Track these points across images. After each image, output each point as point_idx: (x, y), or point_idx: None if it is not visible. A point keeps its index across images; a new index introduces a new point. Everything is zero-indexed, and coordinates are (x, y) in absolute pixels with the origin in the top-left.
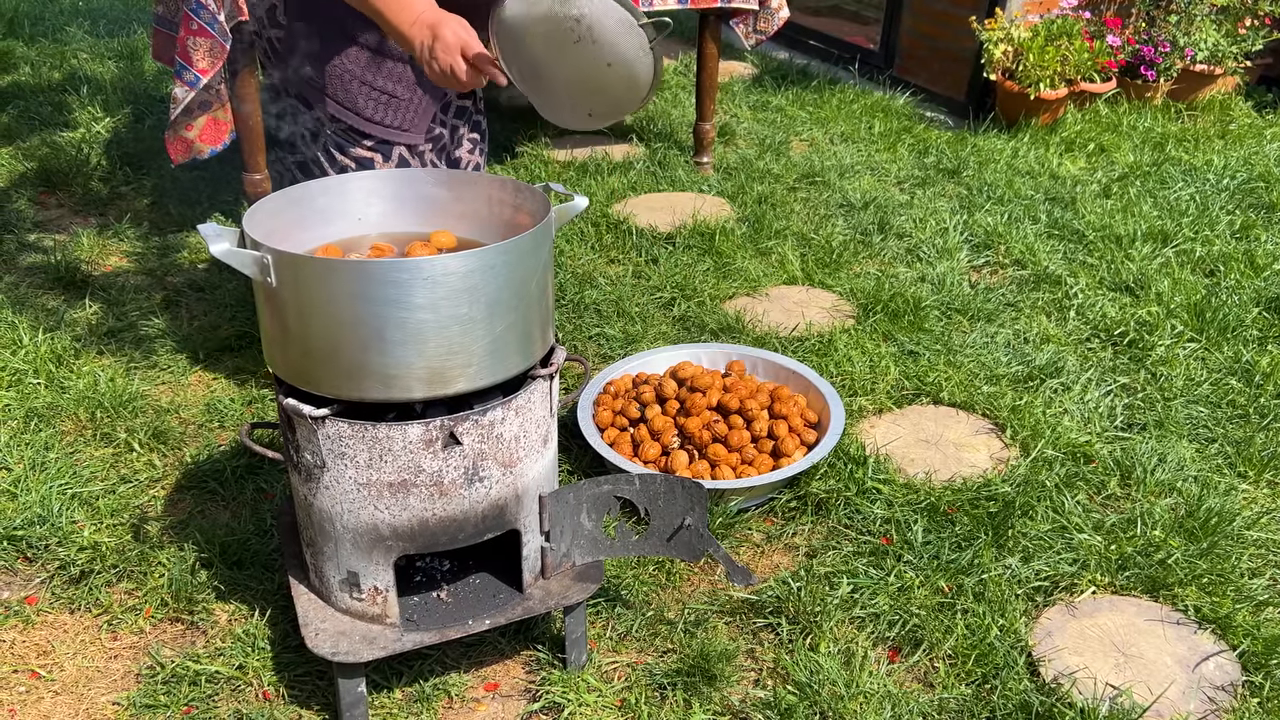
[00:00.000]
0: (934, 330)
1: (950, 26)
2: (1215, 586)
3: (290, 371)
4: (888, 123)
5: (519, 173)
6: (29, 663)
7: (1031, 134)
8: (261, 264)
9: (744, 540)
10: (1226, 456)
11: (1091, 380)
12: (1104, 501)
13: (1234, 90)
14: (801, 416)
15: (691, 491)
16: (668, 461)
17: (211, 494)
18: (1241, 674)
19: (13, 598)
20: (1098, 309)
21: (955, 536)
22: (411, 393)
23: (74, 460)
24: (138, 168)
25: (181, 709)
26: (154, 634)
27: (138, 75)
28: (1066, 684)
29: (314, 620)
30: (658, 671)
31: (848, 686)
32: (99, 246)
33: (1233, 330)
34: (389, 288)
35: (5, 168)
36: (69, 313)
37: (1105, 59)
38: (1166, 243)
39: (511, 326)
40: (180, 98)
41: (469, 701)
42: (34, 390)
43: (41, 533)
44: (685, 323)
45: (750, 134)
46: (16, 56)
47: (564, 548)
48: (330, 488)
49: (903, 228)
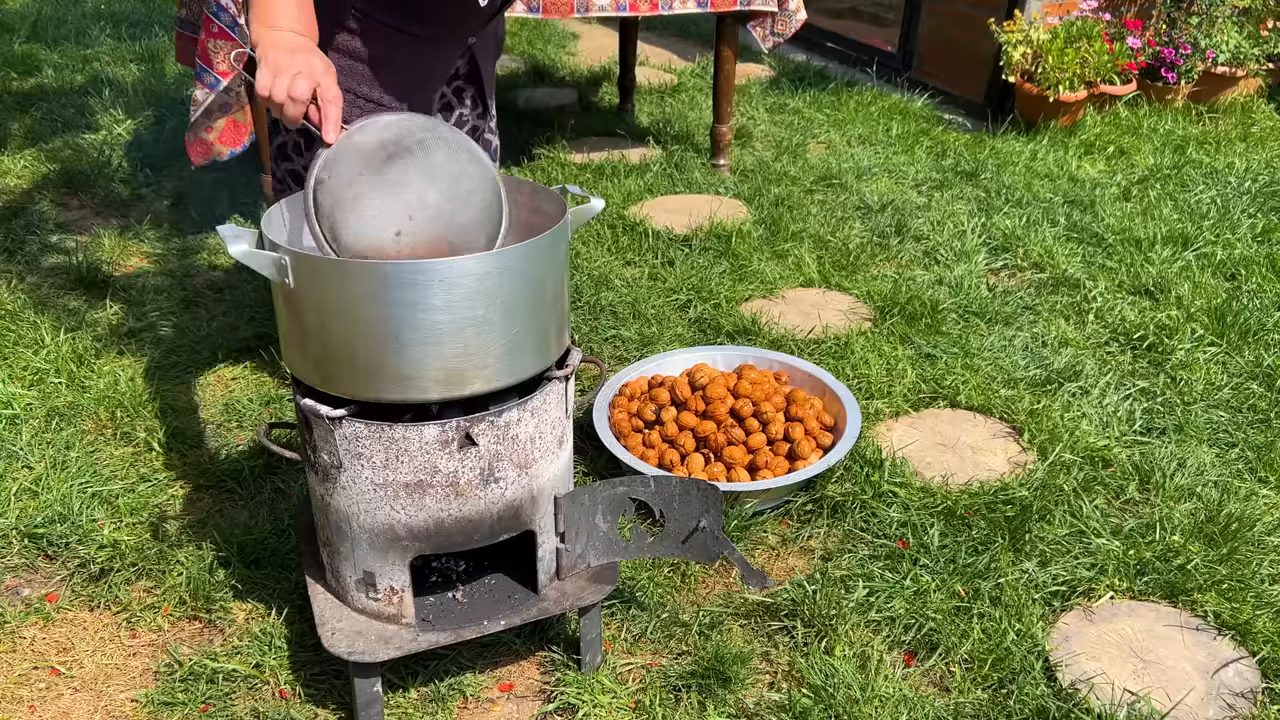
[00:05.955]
0: (951, 333)
1: (969, 28)
2: (1235, 592)
3: (308, 372)
4: (906, 125)
5: (536, 175)
6: (49, 659)
7: (1051, 136)
8: (279, 265)
9: (759, 543)
10: (1247, 461)
11: (1110, 384)
12: (1122, 506)
13: (1256, 93)
14: (818, 419)
15: (707, 494)
16: (683, 464)
17: (230, 493)
18: (1261, 681)
19: (33, 595)
20: (1117, 312)
21: (972, 540)
22: (428, 394)
23: (94, 459)
24: (159, 170)
25: (199, 707)
26: (172, 632)
27: (159, 78)
28: (1084, 689)
29: (330, 619)
30: (672, 674)
31: (863, 690)
32: (120, 247)
33: (1254, 334)
34: (406, 289)
35: (29, 170)
36: (90, 313)
37: (1125, 61)
38: (1187, 246)
39: (527, 328)
40: (201, 100)
41: (484, 702)
42: (55, 389)
43: (62, 531)
44: (701, 325)
45: (767, 136)
46: (40, 60)
47: (579, 549)
48: (347, 488)
49: (920, 230)
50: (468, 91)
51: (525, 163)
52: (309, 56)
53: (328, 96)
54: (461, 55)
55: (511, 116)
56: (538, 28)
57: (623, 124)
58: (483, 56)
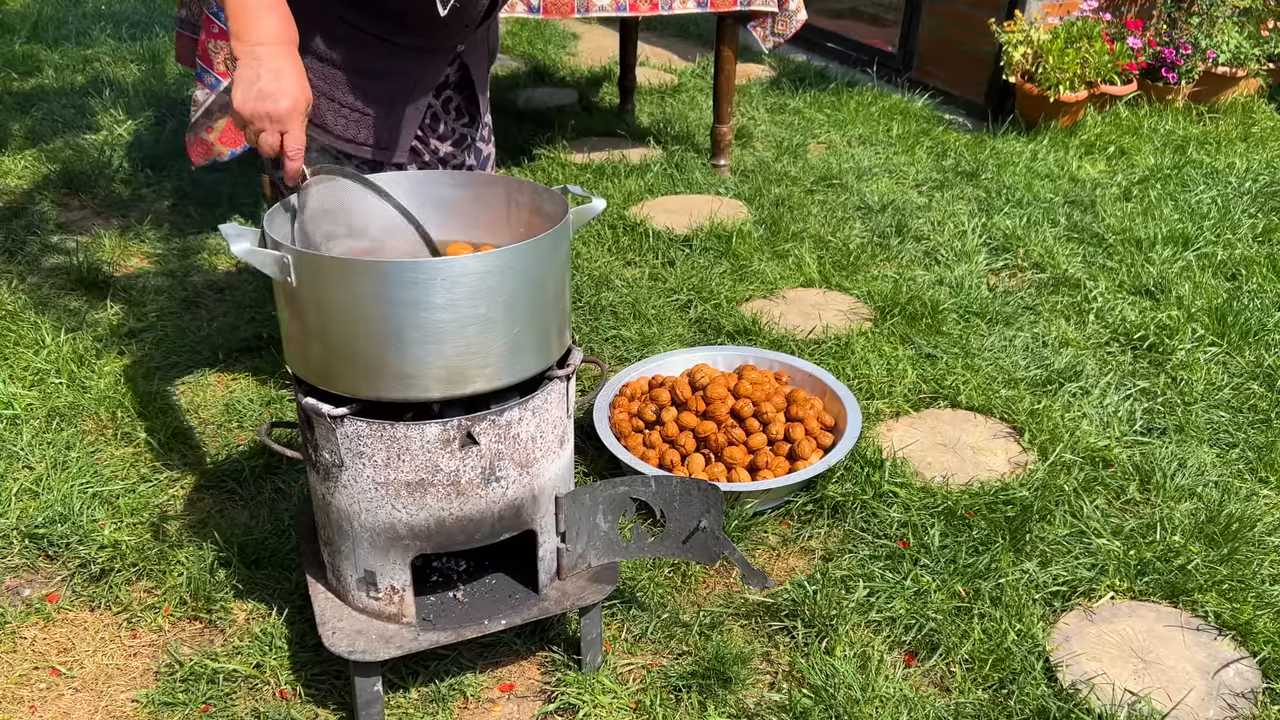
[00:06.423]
0: (952, 333)
1: (969, 29)
2: (1236, 593)
3: (309, 371)
4: (906, 125)
5: (536, 175)
6: (49, 660)
7: (1051, 136)
8: (282, 263)
9: (760, 543)
10: (1248, 462)
11: (1111, 384)
12: (1123, 506)
13: (1256, 93)
14: (818, 419)
15: (707, 494)
16: (684, 464)
17: (230, 494)
18: (1262, 681)
19: (34, 595)
20: (1117, 312)
21: (972, 540)
22: (429, 392)
23: (95, 459)
24: (159, 170)
25: (200, 707)
26: (173, 632)
27: (159, 78)
28: (1084, 690)
29: (331, 619)
30: (673, 674)
31: (863, 690)
32: (120, 248)
33: (1254, 335)
34: (408, 288)
35: (29, 170)
36: (91, 313)
37: (1126, 61)
38: (1187, 246)
39: (529, 327)
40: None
41: (484, 702)
42: (56, 390)
43: (62, 531)
44: (701, 325)
45: (768, 136)
46: (40, 60)
47: (580, 549)
48: (348, 487)
49: (921, 230)
50: (455, 101)
51: (525, 163)
52: (276, 100)
53: (289, 150)
54: (450, 64)
55: (511, 116)
56: (538, 28)
57: (623, 124)
58: (474, 63)
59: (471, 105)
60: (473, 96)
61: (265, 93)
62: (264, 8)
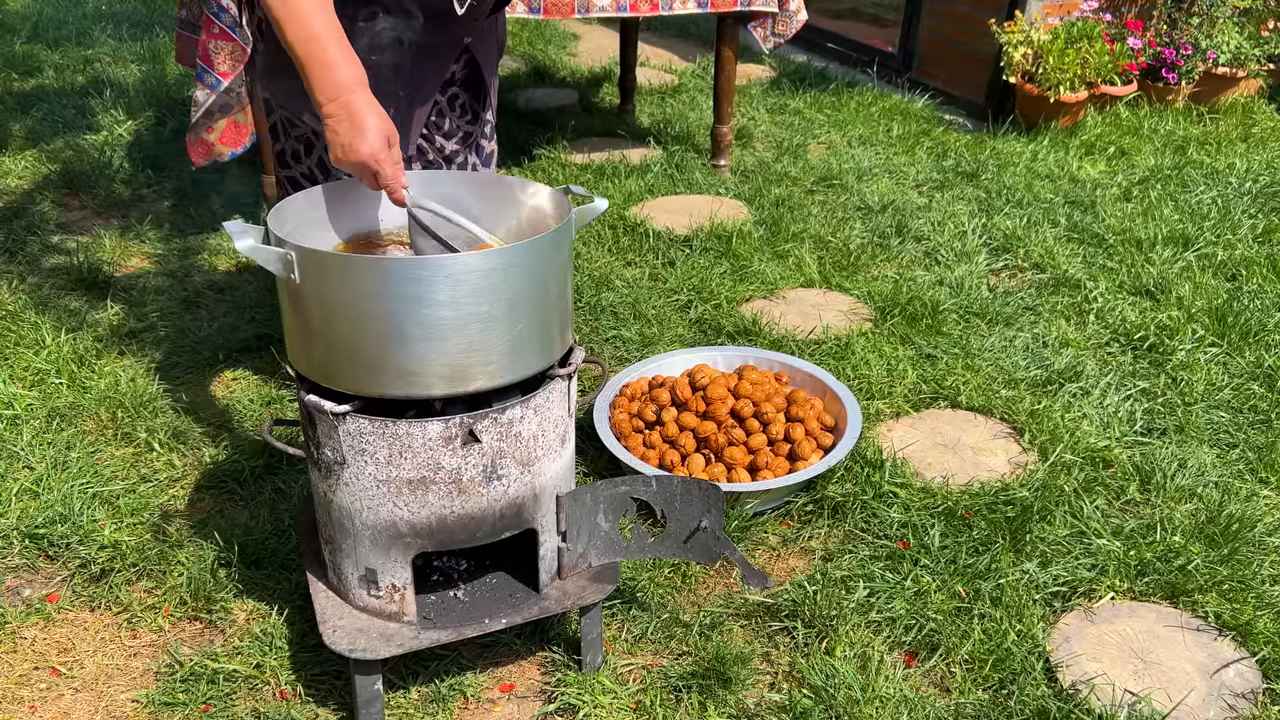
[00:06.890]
0: (952, 334)
1: (969, 29)
2: (1236, 593)
3: (312, 368)
4: (906, 125)
5: (536, 175)
6: (49, 660)
7: (1051, 137)
8: (285, 260)
9: (760, 543)
10: (1248, 462)
11: (1111, 384)
12: (1123, 507)
13: (1257, 93)
14: (818, 420)
15: (708, 494)
16: (684, 464)
17: (230, 494)
18: (1262, 681)
19: (34, 595)
20: (1117, 313)
21: (973, 541)
22: (431, 390)
23: (95, 459)
24: (159, 170)
25: (200, 707)
26: (173, 632)
27: (160, 79)
28: (1085, 690)
29: (332, 617)
30: (673, 674)
31: (863, 691)
32: (121, 248)
33: (1255, 335)
34: (411, 285)
35: (30, 170)
36: (91, 313)
37: (1126, 61)
38: (1188, 246)
39: (531, 325)
40: (201, 100)
41: (484, 702)
42: (56, 390)
43: (63, 531)
44: (702, 325)
45: (768, 137)
46: (41, 60)
47: (581, 548)
48: (350, 484)
49: (921, 230)
50: (461, 98)
51: (526, 163)
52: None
53: (385, 187)
54: (457, 59)
55: (512, 117)
56: (538, 28)
57: (623, 124)
58: (483, 58)
59: (476, 103)
60: (478, 94)
61: (348, 147)
62: (336, 64)
